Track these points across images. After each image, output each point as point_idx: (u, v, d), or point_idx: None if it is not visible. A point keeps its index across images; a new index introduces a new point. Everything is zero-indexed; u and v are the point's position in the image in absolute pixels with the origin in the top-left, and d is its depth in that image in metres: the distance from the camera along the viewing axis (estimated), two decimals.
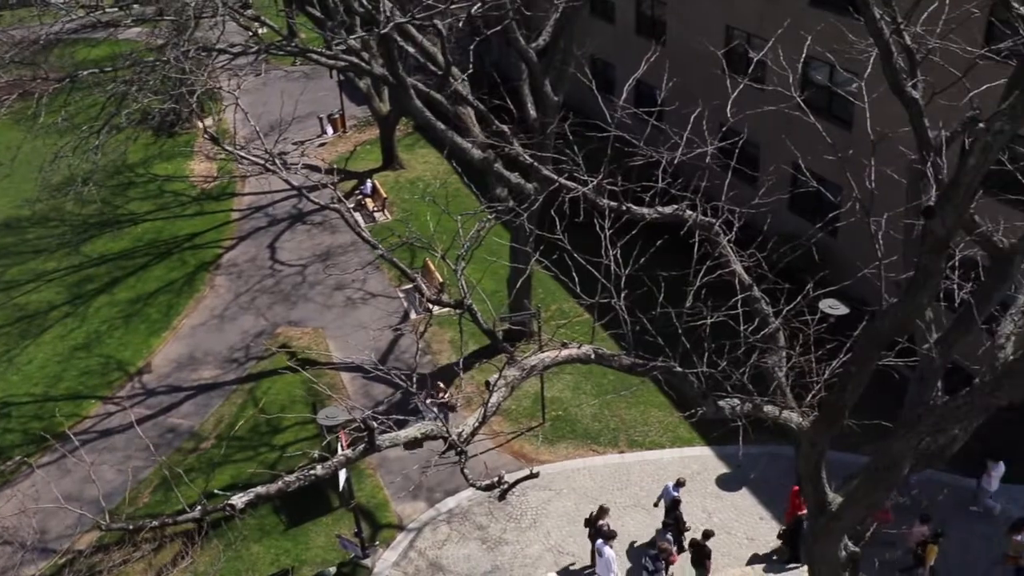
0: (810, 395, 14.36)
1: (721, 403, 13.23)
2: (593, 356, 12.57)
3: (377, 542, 23.22)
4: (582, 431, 26.06)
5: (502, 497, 10.52)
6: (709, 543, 20.91)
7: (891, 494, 16.16)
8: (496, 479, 10.99)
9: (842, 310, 21.26)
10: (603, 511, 21.54)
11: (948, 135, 13.95)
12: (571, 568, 22.34)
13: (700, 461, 24.69)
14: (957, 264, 15.38)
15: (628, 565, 22.01)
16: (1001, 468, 22.29)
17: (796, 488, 21.10)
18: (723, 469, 24.23)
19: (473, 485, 11.00)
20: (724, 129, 15.40)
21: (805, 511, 20.64)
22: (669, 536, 21.60)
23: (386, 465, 25.31)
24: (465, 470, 10.68)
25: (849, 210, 24.12)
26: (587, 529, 21.81)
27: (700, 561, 21.17)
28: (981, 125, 9.47)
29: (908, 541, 21.28)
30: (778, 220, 27.17)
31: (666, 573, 20.96)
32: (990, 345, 14.07)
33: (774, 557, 22.13)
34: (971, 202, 10.56)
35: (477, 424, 11.30)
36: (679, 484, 22.09)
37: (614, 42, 37.43)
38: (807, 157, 25.23)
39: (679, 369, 12.82)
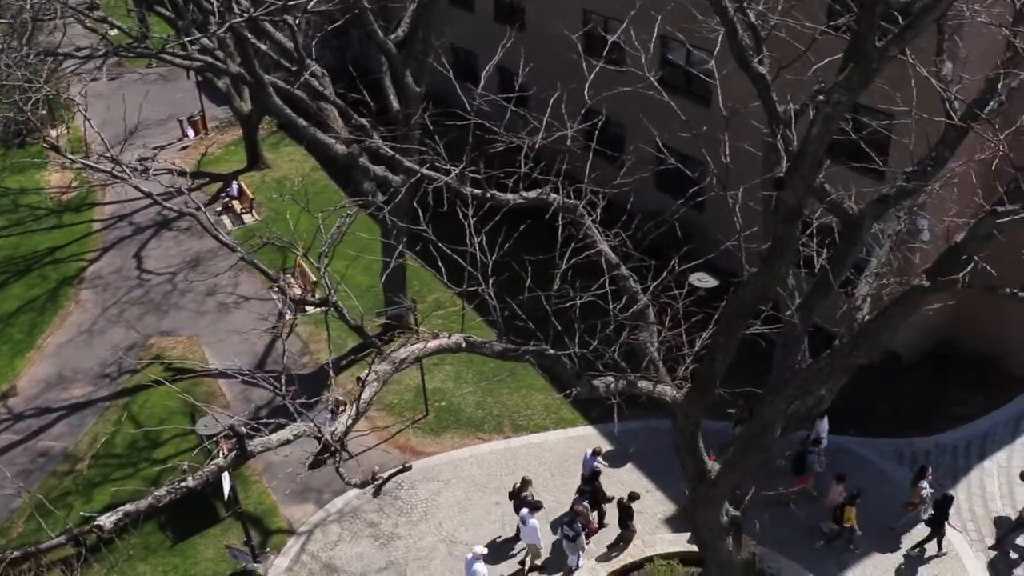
0: (682, 368, 14.68)
1: (595, 382, 13.39)
2: (464, 345, 12.56)
3: (268, 549, 22.77)
4: (466, 420, 26.08)
5: (376, 493, 10.41)
6: (635, 505, 21.51)
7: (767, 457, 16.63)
8: (371, 475, 10.87)
9: (711, 283, 21.83)
10: (525, 483, 21.94)
11: (797, 108, 14.43)
12: (497, 541, 22.57)
13: (584, 440, 25.00)
14: (815, 232, 15.95)
15: (551, 537, 22.27)
16: (825, 424, 23.07)
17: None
18: (607, 447, 24.59)
19: (348, 483, 10.86)
20: (583, 112, 15.46)
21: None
22: (585, 503, 21.83)
23: (271, 470, 24.80)
24: (341, 469, 10.53)
25: (711, 185, 24.74)
26: (511, 501, 22.17)
27: (624, 522, 21.74)
28: (821, 97, 9.79)
29: (827, 504, 22.06)
30: (645, 198, 27.64)
31: (586, 539, 21.41)
32: (847, 307, 14.66)
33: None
34: (818, 171, 10.93)
35: (351, 422, 11.14)
36: (595, 453, 22.59)
37: (474, 30, 37.41)
38: (668, 135, 25.74)
39: (551, 352, 12.93)
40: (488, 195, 14.16)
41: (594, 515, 22.16)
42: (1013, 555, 21.86)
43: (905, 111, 14.67)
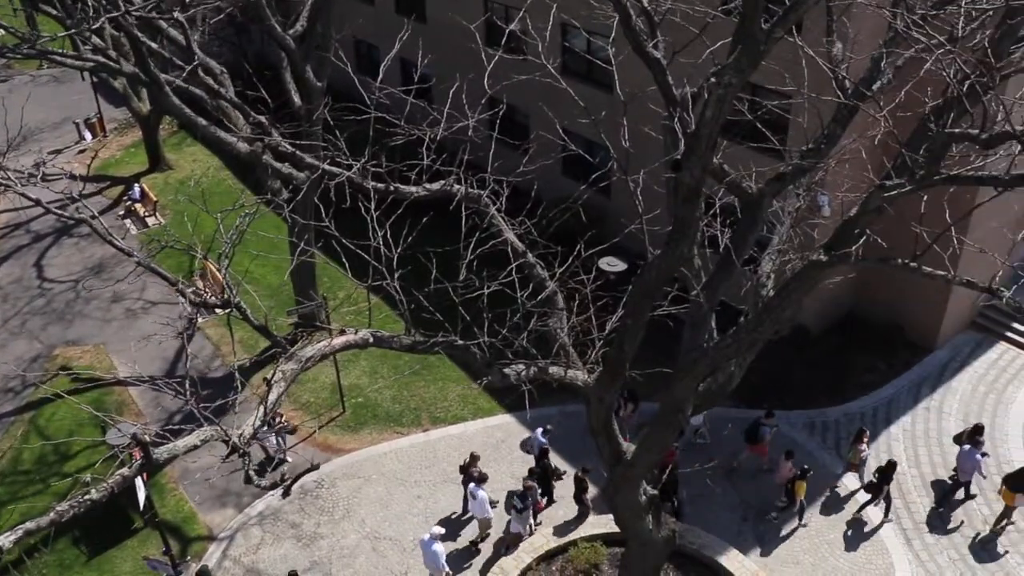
0: (593, 352, 14.81)
1: (506, 370, 13.43)
2: (372, 340, 12.46)
3: (188, 557, 22.31)
4: (384, 415, 25.94)
5: (286, 494, 10.25)
6: (585, 475, 21.96)
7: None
8: (280, 477, 10.71)
9: (620, 266, 22.11)
10: (474, 459, 22.24)
11: (695, 91, 14.62)
12: (452, 517, 22.83)
13: (503, 429, 25.11)
14: (718, 211, 16.21)
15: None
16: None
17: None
18: (526, 433, 24.71)
19: (257, 486, 10.70)
20: (484, 101, 15.45)
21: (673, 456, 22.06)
22: (532, 481, 22.07)
23: (188, 476, 24.30)
24: (250, 471, 10.36)
25: (615, 170, 24.95)
26: (461, 476, 22.56)
27: (579, 496, 22.11)
28: (713, 79, 9.94)
29: (777, 479, 22.65)
30: (552, 185, 27.82)
31: (534, 519, 21.79)
32: (752, 284, 14.96)
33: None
34: (714, 152, 11.09)
35: (258, 423, 10.97)
36: (546, 431, 22.98)
37: (375, 22, 37.09)
38: (571, 122, 25.88)
39: (460, 342, 12.92)
40: (391, 188, 14.06)
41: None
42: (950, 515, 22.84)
43: (796, 91, 14.97)
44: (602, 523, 22.06)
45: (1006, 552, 21.77)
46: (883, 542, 22.13)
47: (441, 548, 20.60)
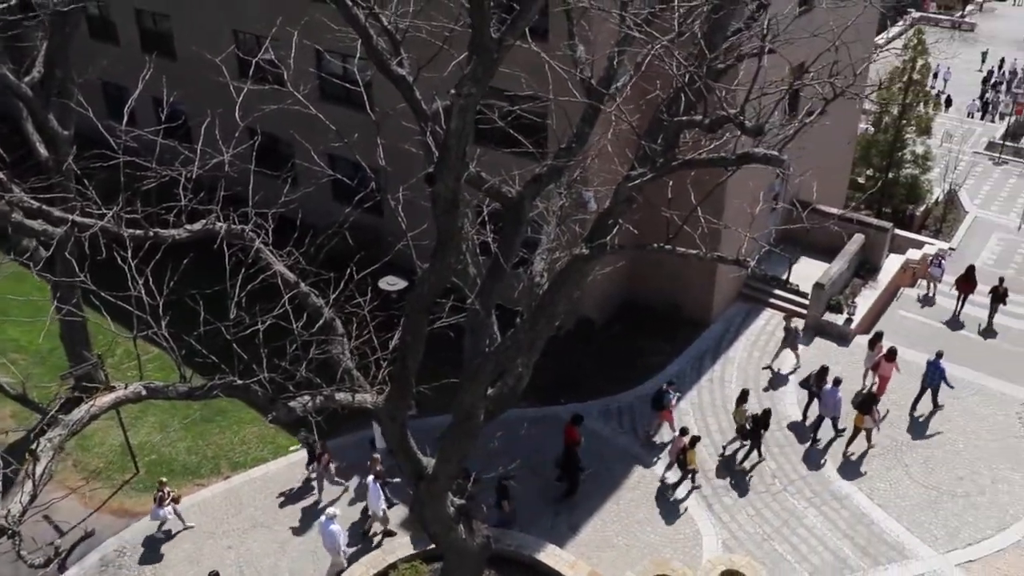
0: (380, 372, 14.79)
1: (291, 404, 13.21)
2: (144, 392, 11.96)
3: None
4: (181, 468, 24.87)
5: (62, 569, 9.68)
6: (507, 482, 22.06)
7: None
8: (53, 551, 10.11)
9: (401, 284, 22.18)
10: (375, 460, 22.42)
11: (447, 104, 14.86)
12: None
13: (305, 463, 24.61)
14: (486, 218, 16.55)
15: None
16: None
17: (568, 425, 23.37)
18: (333, 463, 24.29)
19: (31, 565, 10.04)
20: (238, 134, 15.11)
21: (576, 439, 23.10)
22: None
23: None
24: (22, 552, 9.70)
25: (386, 189, 24.95)
26: None
27: (500, 503, 22.22)
28: (452, 91, 10.16)
29: (672, 453, 23.79)
30: (324, 210, 27.53)
31: None
32: (525, 285, 15.36)
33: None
34: (465, 162, 11.31)
35: (29, 498, 10.29)
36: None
37: (123, 62, 35.55)
38: (337, 145, 25.68)
39: (239, 382, 12.59)
40: (150, 234, 13.55)
41: None
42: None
43: (540, 94, 15.48)
44: (418, 542, 22.05)
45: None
46: (688, 511, 23.26)
47: (338, 528, 20.83)
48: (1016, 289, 34.03)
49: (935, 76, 56.11)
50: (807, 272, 30.95)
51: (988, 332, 30.44)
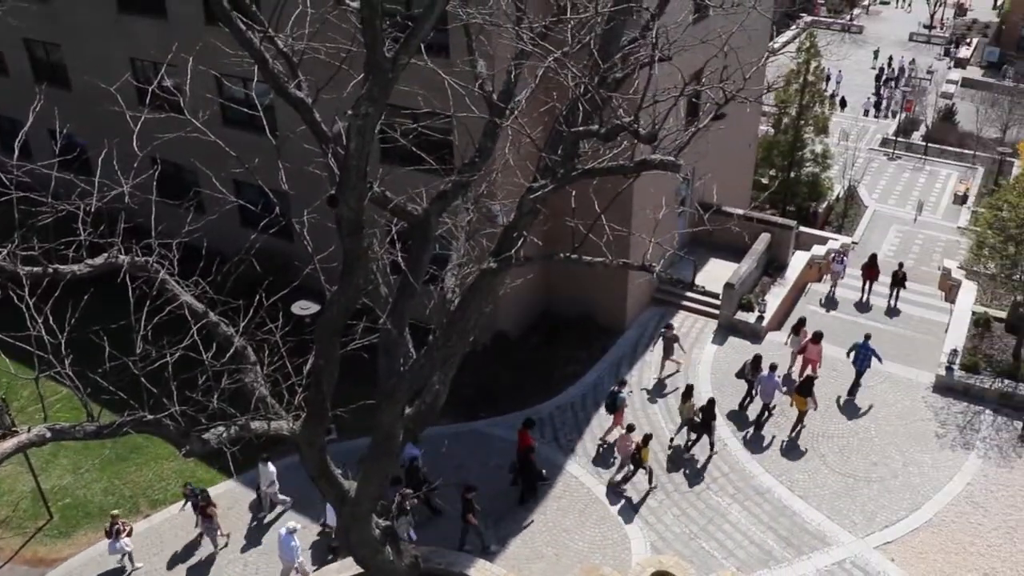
0: (295, 398, 14.61)
1: (205, 436, 12.96)
2: (49, 435, 11.61)
3: None
4: (97, 511, 24.12)
5: None
6: (470, 495, 21.96)
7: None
8: None
9: (314, 308, 21.93)
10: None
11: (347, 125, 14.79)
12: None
13: (230, 496, 24.14)
14: (395, 237, 16.48)
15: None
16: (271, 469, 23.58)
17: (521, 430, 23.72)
18: (252, 495, 23.93)
19: None
20: (137, 164, 14.80)
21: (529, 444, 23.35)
22: (408, 490, 21.81)
23: None
24: None
25: (293, 213, 24.65)
26: None
27: (464, 515, 22.05)
28: (349, 112, 10.14)
29: (623, 452, 24.04)
30: (233, 237, 27.11)
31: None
32: (436, 302, 15.35)
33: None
34: (366, 182, 11.28)
35: None
36: (415, 441, 22.68)
37: (12, 95, 34.60)
38: (243, 171, 25.33)
39: (149, 417, 12.32)
40: (48, 271, 13.18)
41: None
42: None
43: (439, 110, 15.53)
44: (347, 567, 21.79)
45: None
46: (615, 517, 23.45)
47: (297, 542, 20.89)
48: (915, 278, 35.31)
49: (828, 79, 58.00)
50: (717, 273, 31.59)
51: (893, 312, 31.87)
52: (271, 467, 23.00)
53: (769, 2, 33.80)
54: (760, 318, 30.16)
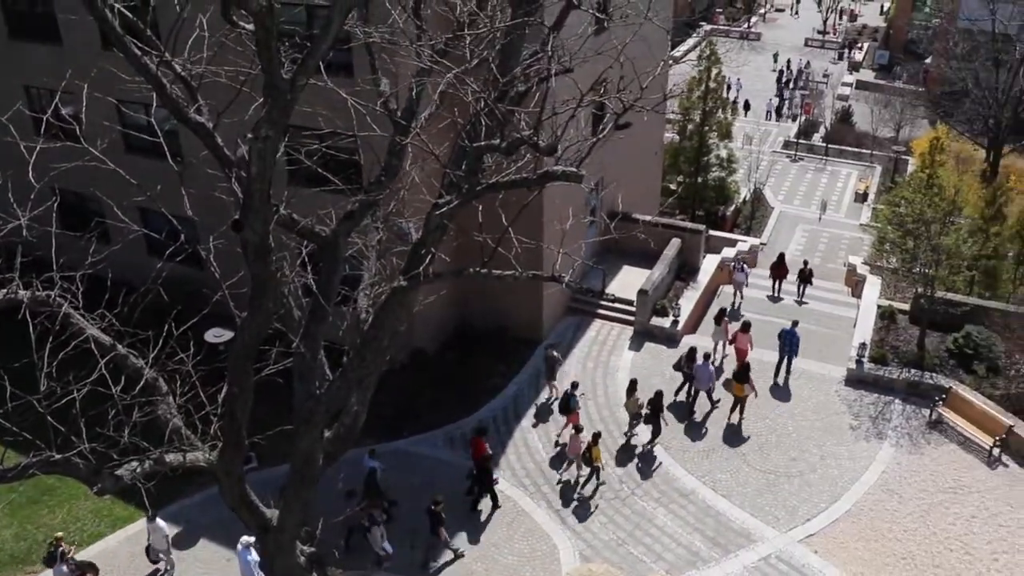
0: (211, 427, 14.32)
1: (118, 472, 12.63)
2: None
3: None
4: (8, 558, 23.25)
5: None
6: (438, 508, 22.05)
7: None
8: None
9: (227, 335, 21.58)
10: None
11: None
12: None
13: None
14: (307, 259, 16.32)
15: None
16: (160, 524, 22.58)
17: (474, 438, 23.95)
18: (176, 528, 23.33)
19: None
20: (35, 195, 14.41)
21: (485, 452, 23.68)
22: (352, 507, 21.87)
23: None
24: None
25: (200, 239, 24.26)
26: None
27: (434, 528, 22.08)
28: (249, 135, 10.05)
29: (573, 452, 24.42)
30: (140, 267, 26.52)
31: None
32: (349, 323, 15.24)
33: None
34: (270, 205, 11.17)
35: None
36: (372, 454, 23.29)
37: None
38: (150, 198, 24.82)
39: (57, 457, 11.97)
40: None
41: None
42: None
43: (343, 130, 15.48)
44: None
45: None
46: (541, 528, 23.51)
47: (255, 556, 20.21)
48: (822, 275, 36.30)
49: (729, 88, 59.53)
50: (631, 280, 32.00)
51: (802, 306, 32.94)
52: (160, 522, 21.92)
53: (668, 12, 34.44)
54: (675, 322, 30.64)
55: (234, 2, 9.99)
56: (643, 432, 26.10)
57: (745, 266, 33.81)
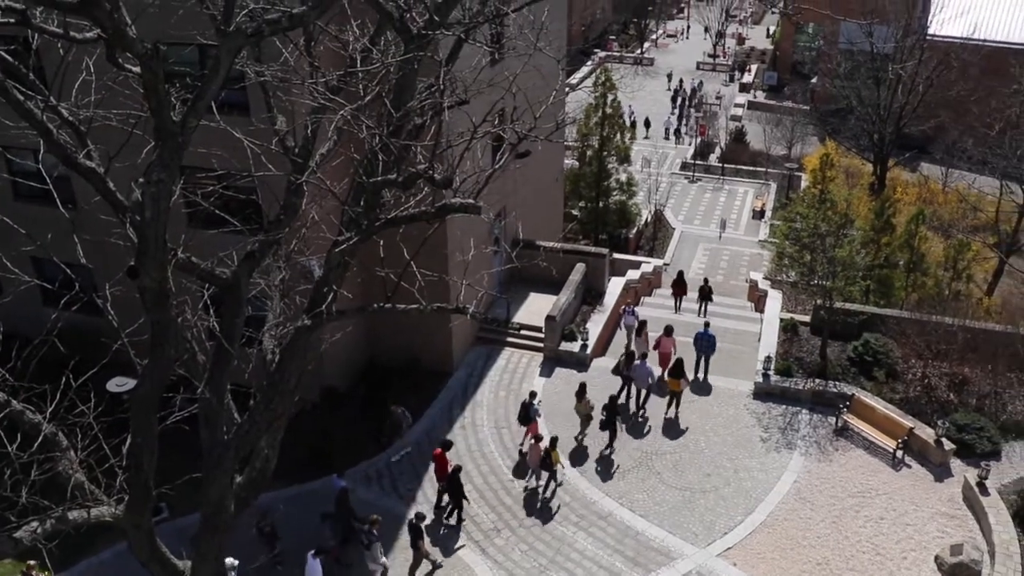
0: (116, 480, 13.91)
1: (17, 535, 12.16)
2: None
3: None
4: None
5: None
6: (423, 525, 22.18)
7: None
8: None
9: (130, 384, 21.01)
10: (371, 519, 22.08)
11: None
12: None
13: None
14: (209, 302, 16.02)
15: None
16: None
17: (437, 451, 24.39)
18: None
19: None
20: None
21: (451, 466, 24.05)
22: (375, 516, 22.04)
23: None
24: None
25: (97, 287, 23.60)
26: None
27: (415, 543, 21.91)
28: (142, 179, 9.88)
29: (533, 462, 25.19)
30: (35, 318, 25.71)
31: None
32: (255, 365, 15.01)
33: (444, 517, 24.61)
34: (166, 249, 10.98)
35: None
36: (340, 475, 23.51)
37: None
38: (45, 247, 24.13)
39: None
40: None
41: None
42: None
43: (239, 171, 15.30)
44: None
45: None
46: (463, 560, 23.35)
47: (233, 561, 20.29)
48: (725, 292, 37.15)
49: (622, 115, 60.82)
50: (539, 306, 32.22)
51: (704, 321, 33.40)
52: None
53: (561, 42, 35.02)
54: (584, 346, 30.92)
55: (119, 46, 9.84)
56: (599, 436, 27.14)
57: (635, 309, 33.08)
